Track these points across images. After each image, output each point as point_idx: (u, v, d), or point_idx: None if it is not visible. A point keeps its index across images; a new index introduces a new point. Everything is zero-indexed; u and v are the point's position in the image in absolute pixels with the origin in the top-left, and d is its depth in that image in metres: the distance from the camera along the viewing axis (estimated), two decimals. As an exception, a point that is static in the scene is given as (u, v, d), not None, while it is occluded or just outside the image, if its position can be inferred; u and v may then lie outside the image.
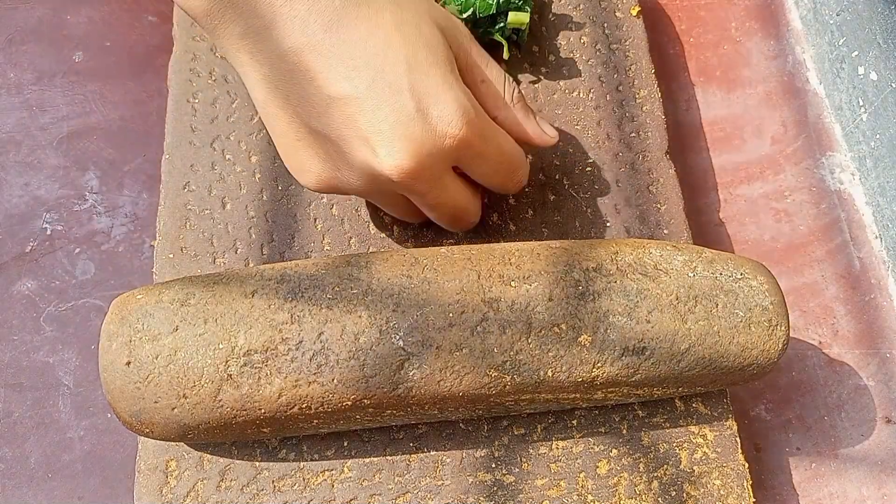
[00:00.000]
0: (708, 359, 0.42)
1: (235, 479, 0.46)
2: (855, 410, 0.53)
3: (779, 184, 0.60)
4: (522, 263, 0.43)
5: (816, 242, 0.58)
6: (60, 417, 0.51)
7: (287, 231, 0.52)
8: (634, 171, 0.55)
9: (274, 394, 0.40)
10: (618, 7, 0.61)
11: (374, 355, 0.40)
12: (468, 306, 0.41)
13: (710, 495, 0.46)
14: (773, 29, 0.66)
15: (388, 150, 0.42)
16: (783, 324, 0.43)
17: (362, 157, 0.42)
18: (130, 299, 0.42)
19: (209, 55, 0.58)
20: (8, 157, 0.59)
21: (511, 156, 0.47)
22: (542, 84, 0.58)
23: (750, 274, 0.44)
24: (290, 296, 0.41)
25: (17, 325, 0.53)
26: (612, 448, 0.47)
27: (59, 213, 0.57)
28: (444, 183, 0.45)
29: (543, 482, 0.46)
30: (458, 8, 0.54)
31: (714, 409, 0.48)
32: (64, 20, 0.64)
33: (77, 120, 0.60)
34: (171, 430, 0.41)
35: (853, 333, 0.55)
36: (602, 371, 0.42)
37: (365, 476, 0.46)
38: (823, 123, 0.62)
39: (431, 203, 0.46)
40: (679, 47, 0.65)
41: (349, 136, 0.42)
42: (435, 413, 0.44)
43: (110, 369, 0.40)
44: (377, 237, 0.52)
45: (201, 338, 0.40)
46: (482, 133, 0.44)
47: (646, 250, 0.44)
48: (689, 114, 0.63)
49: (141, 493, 0.45)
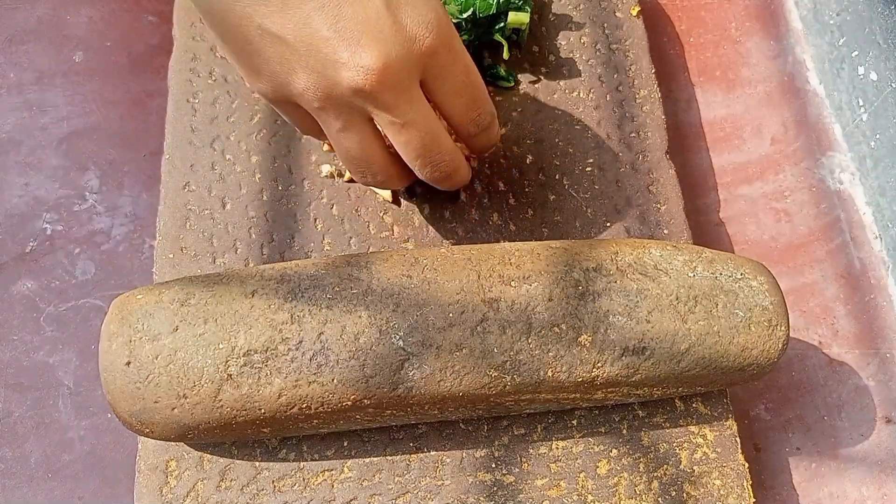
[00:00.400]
0: (708, 359, 0.42)
1: (235, 479, 0.46)
2: (855, 410, 0.53)
3: (779, 184, 0.60)
4: (522, 263, 0.43)
5: (816, 242, 0.58)
6: (60, 417, 0.51)
7: (287, 231, 0.52)
8: (634, 171, 0.55)
9: (274, 394, 0.40)
10: (618, 7, 0.61)
11: (374, 355, 0.40)
12: (468, 306, 0.41)
13: (710, 495, 0.46)
14: (773, 29, 0.66)
15: (353, 51, 0.37)
16: (783, 324, 0.43)
17: (322, 61, 0.38)
18: (130, 299, 0.42)
19: (209, 55, 0.58)
20: (8, 157, 0.59)
21: (476, 83, 0.43)
22: (542, 84, 0.58)
23: (750, 274, 0.44)
24: (290, 296, 0.41)
25: (17, 325, 0.53)
26: (612, 448, 0.47)
27: (60, 213, 0.57)
28: (413, 96, 0.40)
29: (543, 482, 0.46)
30: (458, 8, 0.54)
31: (714, 409, 0.48)
32: (64, 20, 0.64)
33: (77, 120, 0.60)
34: (171, 430, 0.41)
35: (853, 333, 0.55)
36: (602, 371, 0.42)
37: (365, 476, 0.46)
38: (823, 123, 0.62)
39: (401, 122, 0.41)
40: (679, 47, 0.65)
41: (307, 37, 0.38)
42: (435, 413, 0.44)
43: (110, 369, 0.40)
44: (377, 237, 0.52)
45: (201, 338, 0.40)
46: (451, 44, 0.40)
47: (646, 250, 0.44)
48: (689, 114, 0.63)
49: (141, 493, 0.45)
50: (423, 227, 0.53)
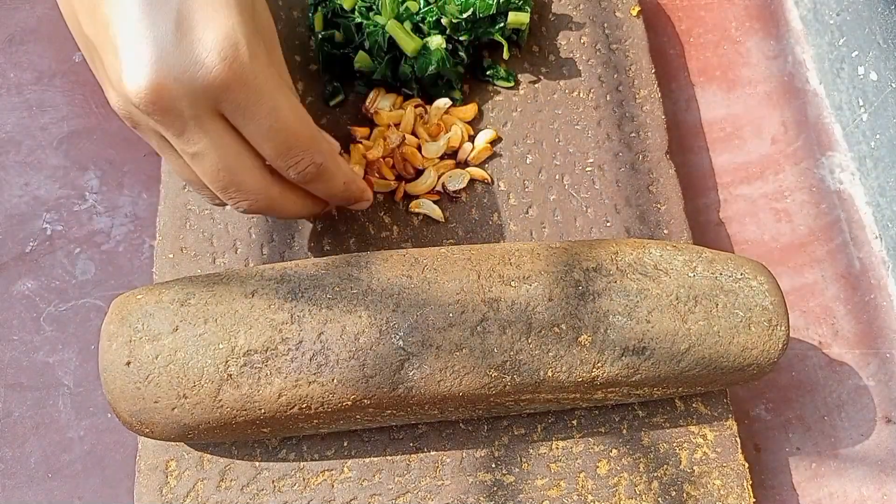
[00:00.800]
0: (708, 359, 0.42)
1: (235, 479, 0.46)
2: (855, 410, 0.53)
3: (779, 184, 0.60)
4: (522, 263, 0.43)
5: (816, 242, 0.58)
6: (60, 417, 0.51)
7: (287, 231, 0.52)
8: (634, 171, 0.55)
9: (274, 394, 0.40)
10: (618, 7, 0.61)
11: (374, 355, 0.40)
12: (468, 306, 0.41)
13: (710, 495, 0.46)
14: (773, 29, 0.66)
15: (132, 65, 0.34)
16: (783, 324, 0.43)
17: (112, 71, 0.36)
18: (130, 299, 0.42)
19: (209, 55, 0.58)
20: (8, 157, 0.58)
21: (289, 128, 0.39)
22: (542, 84, 0.58)
23: (750, 274, 0.44)
24: (290, 296, 0.41)
25: (17, 325, 0.53)
26: (612, 448, 0.47)
27: (59, 213, 0.57)
28: (205, 126, 0.37)
29: (543, 482, 0.46)
30: (458, 8, 0.54)
31: (714, 409, 0.48)
32: (64, 20, 0.64)
33: (77, 120, 0.60)
34: (172, 430, 0.41)
35: (853, 333, 0.55)
36: (602, 371, 0.42)
37: (365, 476, 0.46)
38: (823, 123, 0.62)
39: (190, 151, 0.38)
40: (679, 47, 0.65)
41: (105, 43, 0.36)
42: (435, 413, 0.44)
43: (110, 369, 0.40)
44: (377, 237, 0.52)
45: (201, 338, 0.40)
46: (250, 82, 0.36)
47: (646, 250, 0.44)
48: (689, 114, 0.63)
49: (141, 493, 0.45)
50: (423, 227, 0.53)
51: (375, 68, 0.55)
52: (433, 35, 0.54)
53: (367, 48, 0.55)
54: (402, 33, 0.54)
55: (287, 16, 0.59)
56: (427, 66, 0.54)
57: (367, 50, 0.55)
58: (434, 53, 0.54)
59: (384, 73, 0.55)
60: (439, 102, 0.55)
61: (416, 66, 0.54)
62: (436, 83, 0.56)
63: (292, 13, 0.60)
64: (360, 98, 0.57)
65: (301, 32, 0.59)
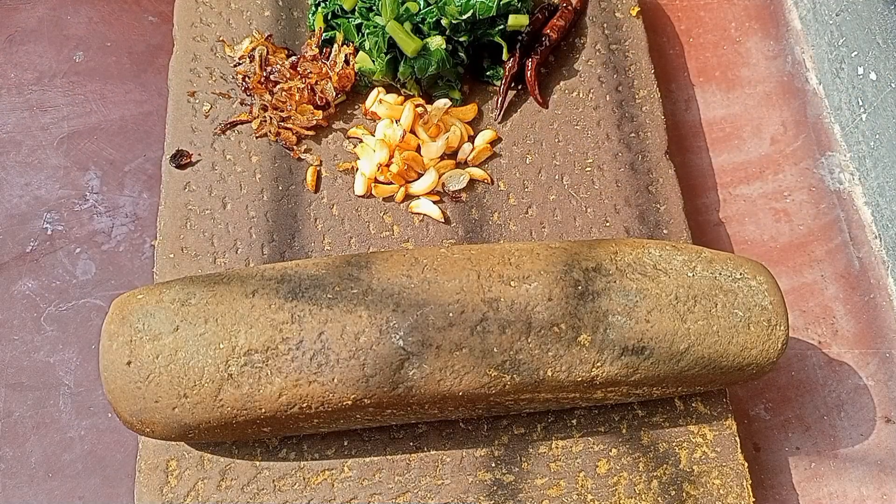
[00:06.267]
0: (707, 358, 0.43)
1: (236, 478, 0.46)
2: (855, 410, 0.53)
3: (778, 184, 0.60)
4: (522, 263, 0.43)
5: (816, 242, 0.58)
6: (61, 417, 0.51)
7: (287, 231, 0.52)
8: (634, 171, 0.55)
9: (274, 393, 0.40)
10: (618, 7, 0.61)
11: (375, 355, 0.40)
12: (468, 306, 0.41)
13: (710, 495, 0.46)
14: (772, 29, 0.66)
15: None
16: (782, 323, 0.43)
17: None
18: (131, 299, 0.42)
19: (209, 55, 0.58)
20: (8, 157, 0.59)
21: None
22: (542, 84, 0.58)
23: (749, 274, 0.44)
24: (291, 296, 0.41)
25: (18, 325, 0.53)
26: (612, 447, 0.47)
27: (60, 213, 0.57)
28: None
29: (543, 481, 0.46)
30: (458, 9, 0.54)
31: (713, 408, 0.48)
32: (64, 20, 0.64)
33: (77, 120, 0.60)
34: (172, 430, 0.41)
35: (853, 333, 0.55)
36: (601, 370, 0.42)
37: (365, 475, 0.46)
38: (823, 123, 0.62)
39: None
40: (679, 47, 0.65)
41: None
42: (435, 412, 0.44)
43: (111, 369, 0.41)
44: (377, 237, 0.52)
45: (202, 337, 0.40)
46: None
47: (645, 250, 0.44)
48: (689, 114, 0.63)
49: (141, 493, 0.45)
50: (423, 227, 0.53)
51: (375, 69, 0.55)
52: (433, 36, 0.55)
53: (367, 49, 0.55)
54: (402, 34, 0.54)
55: (287, 16, 0.60)
56: (427, 66, 0.54)
57: (367, 50, 0.55)
58: (434, 54, 0.54)
59: (384, 74, 0.55)
60: (439, 103, 0.55)
61: (416, 66, 0.54)
62: (436, 83, 0.56)
63: (292, 13, 0.60)
64: (360, 98, 0.57)
65: (301, 32, 0.59)
